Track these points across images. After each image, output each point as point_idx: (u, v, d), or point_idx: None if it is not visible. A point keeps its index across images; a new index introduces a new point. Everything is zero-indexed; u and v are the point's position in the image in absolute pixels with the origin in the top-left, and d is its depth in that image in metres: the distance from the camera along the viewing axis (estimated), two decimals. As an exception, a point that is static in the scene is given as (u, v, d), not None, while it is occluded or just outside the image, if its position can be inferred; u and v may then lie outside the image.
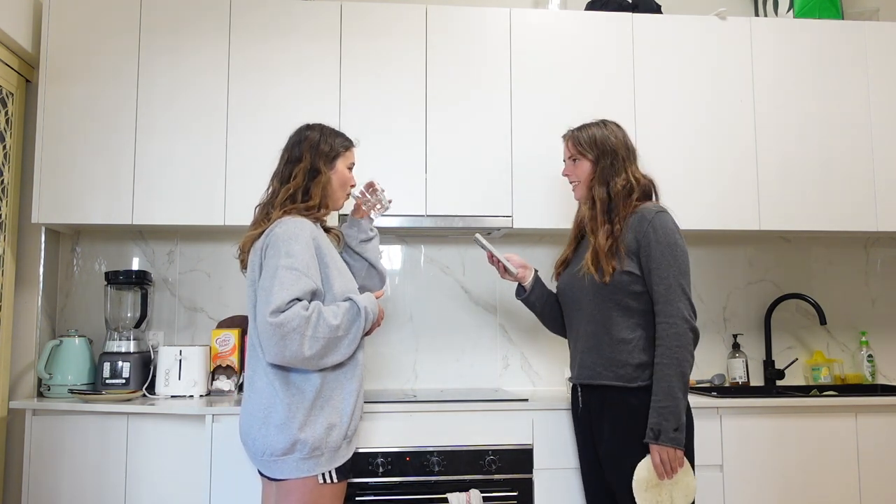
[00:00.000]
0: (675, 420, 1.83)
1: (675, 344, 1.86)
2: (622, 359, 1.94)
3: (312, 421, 1.80)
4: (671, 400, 1.83)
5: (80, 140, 2.55)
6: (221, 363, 2.62)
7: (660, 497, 1.86)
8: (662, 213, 1.97)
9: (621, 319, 1.96)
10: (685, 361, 1.86)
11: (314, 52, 2.64)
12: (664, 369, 1.85)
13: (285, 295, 1.74)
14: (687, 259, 1.93)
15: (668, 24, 2.79)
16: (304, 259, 1.81)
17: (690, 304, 1.90)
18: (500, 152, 2.67)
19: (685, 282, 1.91)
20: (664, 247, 1.91)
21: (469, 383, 2.91)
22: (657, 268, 1.91)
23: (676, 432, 1.83)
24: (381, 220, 2.60)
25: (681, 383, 1.85)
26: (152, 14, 2.61)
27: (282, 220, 1.87)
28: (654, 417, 1.84)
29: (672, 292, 1.89)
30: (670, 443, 1.82)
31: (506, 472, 2.29)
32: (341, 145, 2.04)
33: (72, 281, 2.82)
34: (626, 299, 1.95)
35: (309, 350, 1.75)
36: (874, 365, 3.02)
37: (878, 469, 2.45)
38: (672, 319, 1.87)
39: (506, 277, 2.30)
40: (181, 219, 2.57)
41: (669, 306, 1.88)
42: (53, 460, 2.37)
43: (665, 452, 1.83)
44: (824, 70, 2.82)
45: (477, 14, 2.72)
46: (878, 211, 2.78)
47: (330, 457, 1.81)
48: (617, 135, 2.08)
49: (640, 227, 1.95)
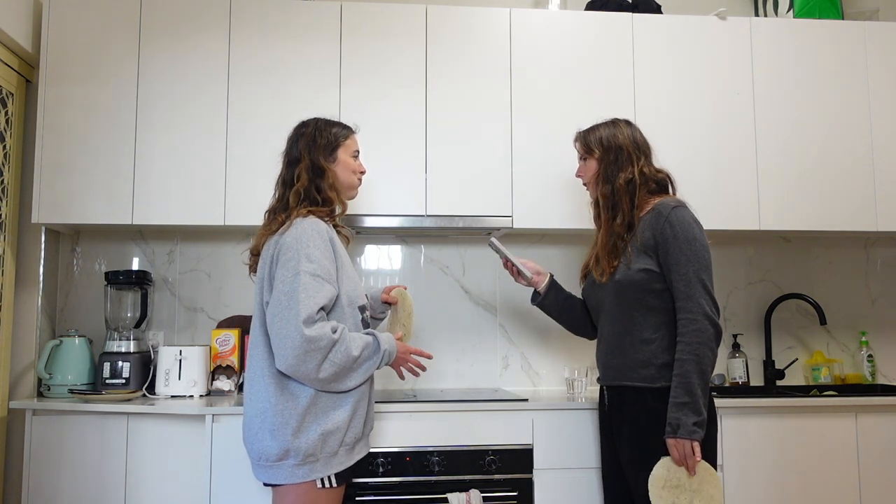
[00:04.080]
0: (695, 415, 1.79)
1: (695, 340, 1.82)
2: (645, 359, 1.91)
3: (306, 428, 1.76)
4: (690, 396, 1.80)
5: (80, 140, 2.55)
6: (221, 363, 2.62)
7: (678, 500, 1.81)
8: (679, 207, 1.93)
9: (643, 319, 1.94)
10: (705, 358, 1.82)
11: (314, 52, 2.64)
12: (684, 366, 1.82)
13: (312, 304, 1.71)
14: (707, 253, 1.89)
15: (668, 24, 2.79)
16: (325, 264, 1.78)
17: (712, 299, 1.86)
18: (500, 152, 2.67)
19: (706, 276, 1.86)
20: (682, 242, 1.88)
21: (469, 383, 2.91)
22: (675, 264, 1.88)
23: (695, 426, 1.79)
24: (382, 221, 2.61)
25: (700, 380, 1.81)
26: (152, 14, 2.61)
27: (298, 222, 1.83)
28: (672, 413, 1.81)
29: (692, 288, 1.85)
30: (688, 436, 1.78)
31: (506, 472, 2.29)
32: (339, 134, 1.98)
33: (72, 281, 2.82)
34: (647, 298, 1.93)
35: (323, 373, 1.73)
36: (874, 365, 3.02)
37: (878, 469, 2.45)
38: (692, 315, 1.84)
39: (519, 281, 2.31)
40: (181, 219, 2.57)
41: (690, 302, 1.85)
42: (53, 460, 2.37)
43: (683, 446, 1.79)
44: (824, 70, 2.82)
45: (477, 14, 2.72)
46: (878, 211, 2.78)
47: (326, 462, 1.77)
48: (624, 132, 2.06)
49: (657, 223, 1.92)
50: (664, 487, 1.82)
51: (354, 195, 2.06)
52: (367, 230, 2.73)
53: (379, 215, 2.59)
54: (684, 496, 1.81)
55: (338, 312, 1.84)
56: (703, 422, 1.80)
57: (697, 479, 1.81)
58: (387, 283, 2.93)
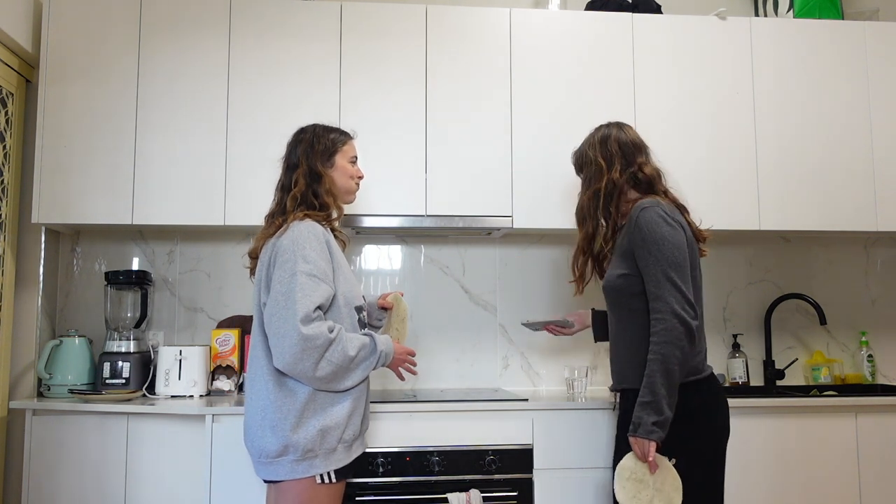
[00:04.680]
0: (656, 415, 1.79)
1: (662, 339, 1.81)
2: (638, 361, 1.91)
3: (304, 423, 1.78)
4: (653, 395, 1.79)
5: (80, 140, 2.55)
6: (221, 363, 2.62)
7: (640, 495, 1.83)
8: (648, 209, 1.92)
9: (631, 323, 1.96)
10: (671, 357, 1.79)
11: (314, 52, 2.64)
12: (651, 365, 1.82)
13: (309, 303, 1.74)
14: (677, 250, 1.86)
15: (668, 24, 2.79)
16: (321, 264, 1.81)
17: (683, 296, 1.83)
18: (500, 152, 2.67)
19: (675, 273, 1.84)
20: (650, 243, 1.88)
21: (469, 383, 2.91)
22: (645, 266, 1.88)
23: (654, 426, 1.78)
24: (382, 221, 2.61)
25: (665, 379, 1.79)
26: (152, 14, 2.61)
27: (294, 225, 1.86)
28: (636, 412, 1.82)
29: (661, 287, 1.84)
30: (646, 435, 1.79)
31: (506, 472, 2.29)
32: (337, 140, 2.01)
33: (72, 281, 2.82)
34: (630, 301, 1.94)
35: (320, 371, 1.76)
36: (874, 365, 3.02)
37: (878, 469, 2.45)
38: (661, 315, 1.83)
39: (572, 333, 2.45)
40: (181, 219, 2.57)
41: (659, 302, 1.84)
42: (53, 460, 2.37)
43: (641, 444, 1.80)
44: (824, 70, 2.82)
45: (477, 14, 2.72)
46: (878, 211, 2.78)
47: (325, 458, 1.80)
48: (594, 142, 2.10)
49: (628, 227, 1.95)
50: (628, 479, 1.85)
51: (352, 200, 2.08)
52: (367, 230, 2.73)
53: (379, 215, 2.60)
54: (646, 492, 1.83)
55: (335, 313, 1.86)
56: (665, 421, 1.79)
57: (660, 477, 1.83)
58: (387, 283, 2.94)
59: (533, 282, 2.97)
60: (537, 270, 2.98)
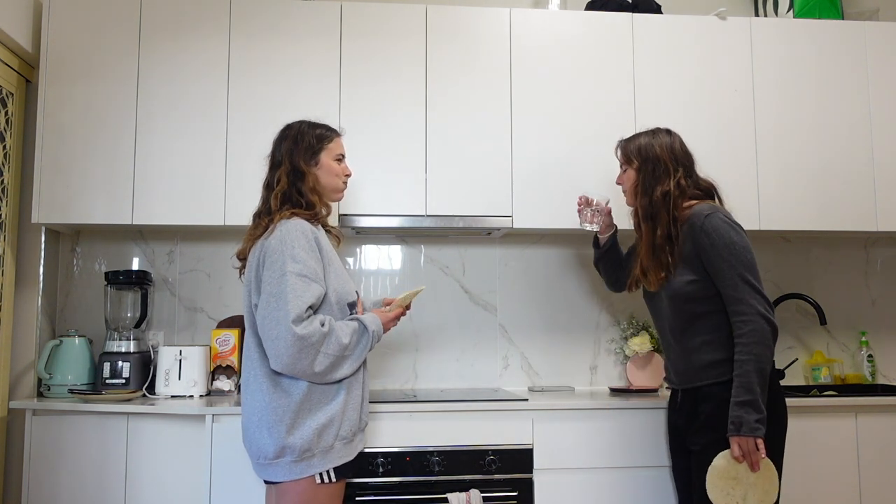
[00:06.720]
0: (756, 413, 1.83)
1: (752, 340, 1.87)
2: (711, 359, 1.97)
3: (300, 424, 1.78)
4: (751, 394, 1.84)
5: (80, 140, 2.55)
6: (221, 363, 2.62)
7: (733, 491, 1.86)
8: (711, 215, 1.97)
9: (700, 324, 1.99)
10: (763, 357, 1.86)
11: (314, 52, 2.64)
12: (743, 366, 1.86)
13: (301, 303, 1.74)
14: (749, 253, 1.93)
15: (668, 24, 2.79)
16: (310, 263, 1.80)
17: (763, 297, 1.90)
18: (500, 152, 2.66)
19: (751, 276, 1.90)
20: (720, 248, 1.92)
21: (469, 383, 2.91)
22: (719, 271, 1.93)
23: (757, 423, 1.83)
24: (382, 221, 2.61)
25: (760, 378, 1.85)
26: (152, 14, 2.61)
27: (281, 224, 1.85)
28: (734, 411, 1.85)
29: (740, 290, 1.90)
30: (751, 433, 1.82)
31: (506, 472, 2.29)
32: (323, 137, 1.98)
33: (72, 281, 2.82)
34: (699, 306, 1.98)
35: (319, 366, 1.76)
36: (874, 365, 3.02)
37: (878, 469, 2.45)
38: (746, 317, 1.88)
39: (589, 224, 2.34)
40: (181, 219, 2.57)
41: (741, 305, 1.89)
42: (53, 460, 2.37)
43: (746, 443, 1.83)
44: (824, 70, 2.82)
45: (477, 14, 2.72)
46: (878, 211, 2.78)
47: (323, 457, 1.80)
48: (662, 142, 2.09)
49: (693, 234, 1.97)
50: (721, 477, 1.87)
51: (340, 198, 2.07)
52: (367, 230, 2.73)
53: (379, 215, 2.59)
54: (739, 488, 1.86)
55: (326, 310, 1.86)
56: (764, 418, 1.84)
57: (757, 474, 1.86)
58: (387, 283, 2.94)
59: (533, 282, 2.97)
60: (537, 270, 2.98)
